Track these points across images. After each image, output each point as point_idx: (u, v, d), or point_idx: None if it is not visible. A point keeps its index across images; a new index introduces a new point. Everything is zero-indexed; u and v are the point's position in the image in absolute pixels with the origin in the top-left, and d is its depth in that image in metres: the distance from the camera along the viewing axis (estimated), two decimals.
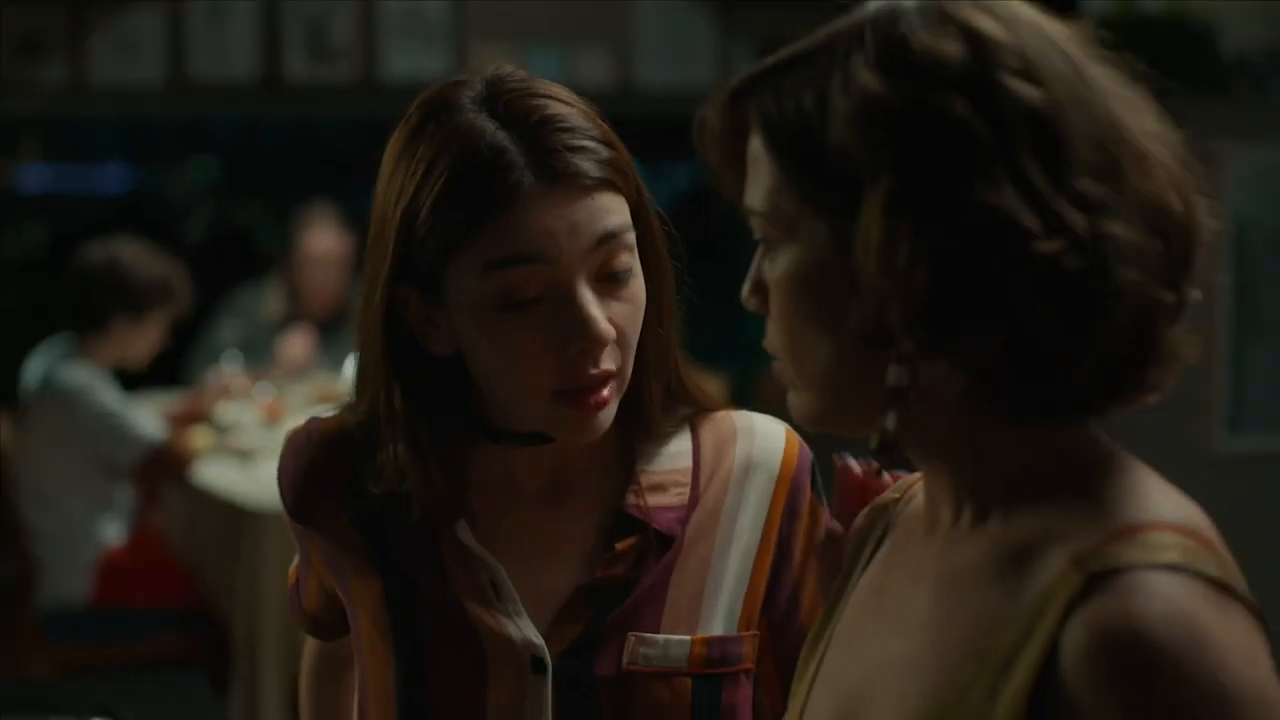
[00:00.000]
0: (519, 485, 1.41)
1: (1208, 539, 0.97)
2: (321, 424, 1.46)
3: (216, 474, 4.37)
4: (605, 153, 1.31)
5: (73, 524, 4.29)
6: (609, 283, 1.32)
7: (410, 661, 1.38)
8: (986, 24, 0.97)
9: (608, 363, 1.31)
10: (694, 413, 1.45)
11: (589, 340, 1.29)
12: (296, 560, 1.56)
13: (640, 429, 1.42)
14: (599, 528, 1.40)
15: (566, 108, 1.32)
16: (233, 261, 6.60)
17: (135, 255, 4.43)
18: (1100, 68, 1.00)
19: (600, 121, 1.34)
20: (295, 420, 5.17)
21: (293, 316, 5.56)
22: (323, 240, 5.56)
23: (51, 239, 7.12)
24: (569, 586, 1.38)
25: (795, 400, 1.07)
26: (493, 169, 1.28)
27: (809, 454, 1.46)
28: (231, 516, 4.11)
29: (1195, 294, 1.00)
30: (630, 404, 1.40)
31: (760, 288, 1.06)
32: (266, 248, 6.71)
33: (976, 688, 0.97)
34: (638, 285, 1.35)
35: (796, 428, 1.39)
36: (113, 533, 4.36)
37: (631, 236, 1.33)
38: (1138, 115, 1.00)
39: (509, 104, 1.31)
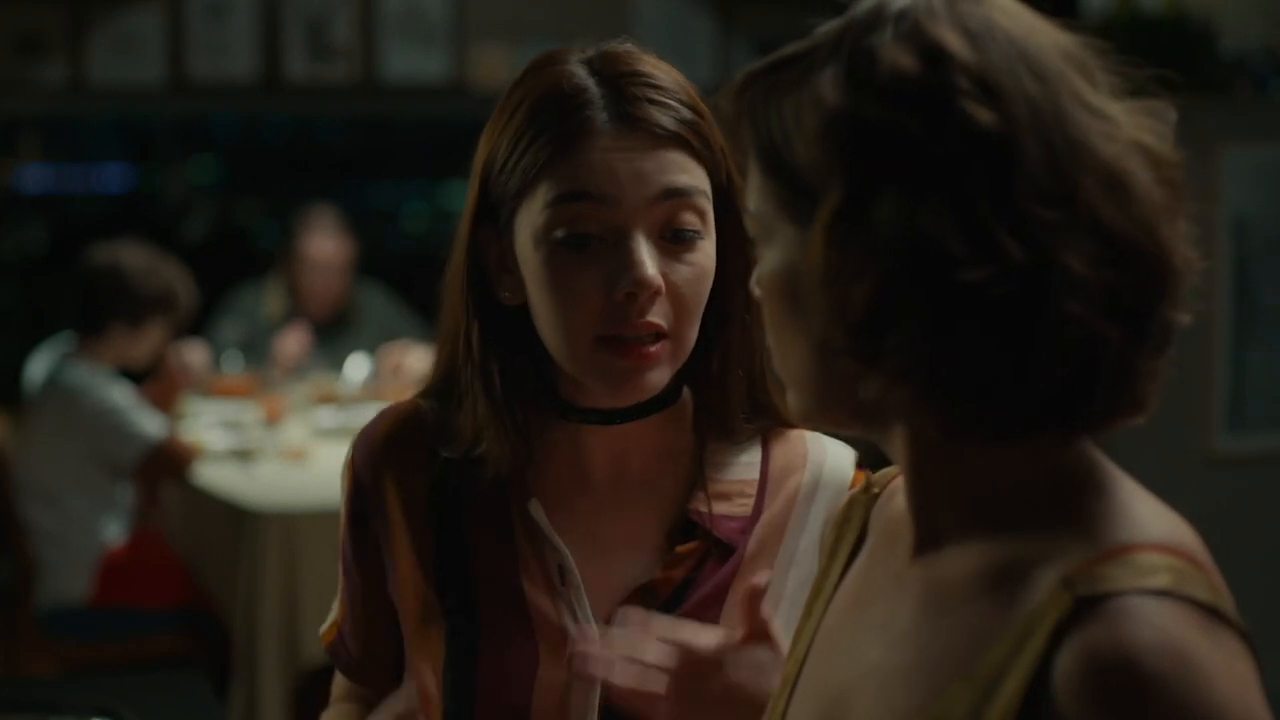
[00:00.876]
0: (587, 473, 1.41)
1: (1197, 559, 0.96)
2: (394, 407, 1.48)
3: (217, 474, 4.37)
4: (688, 114, 1.34)
5: (73, 523, 4.30)
6: (673, 244, 1.33)
7: (461, 642, 1.38)
8: (952, 41, 0.96)
9: (656, 316, 1.32)
10: (769, 426, 1.45)
11: (635, 284, 1.30)
12: (332, 617, 1.52)
13: (716, 426, 1.42)
14: (661, 528, 1.41)
15: (663, 74, 1.36)
16: (233, 261, 6.61)
17: (139, 263, 4.42)
18: (1089, 81, 0.98)
19: (699, 100, 1.36)
20: (295, 421, 5.12)
21: (293, 316, 5.56)
22: (323, 245, 5.56)
23: (51, 239, 7.13)
24: (626, 583, 1.39)
25: (788, 397, 1.08)
26: (570, 105, 1.33)
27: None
28: (232, 516, 4.11)
29: (1182, 319, 0.99)
30: (710, 397, 1.41)
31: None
32: (266, 247, 6.72)
33: (962, 704, 0.96)
34: (705, 254, 1.35)
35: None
36: (113, 532, 4.37)
37: (703, 202, 1.35)
38: (1119, 135, 0.97)
39: (607, 59, 1.36)
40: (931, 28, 0.97)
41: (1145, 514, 0.99)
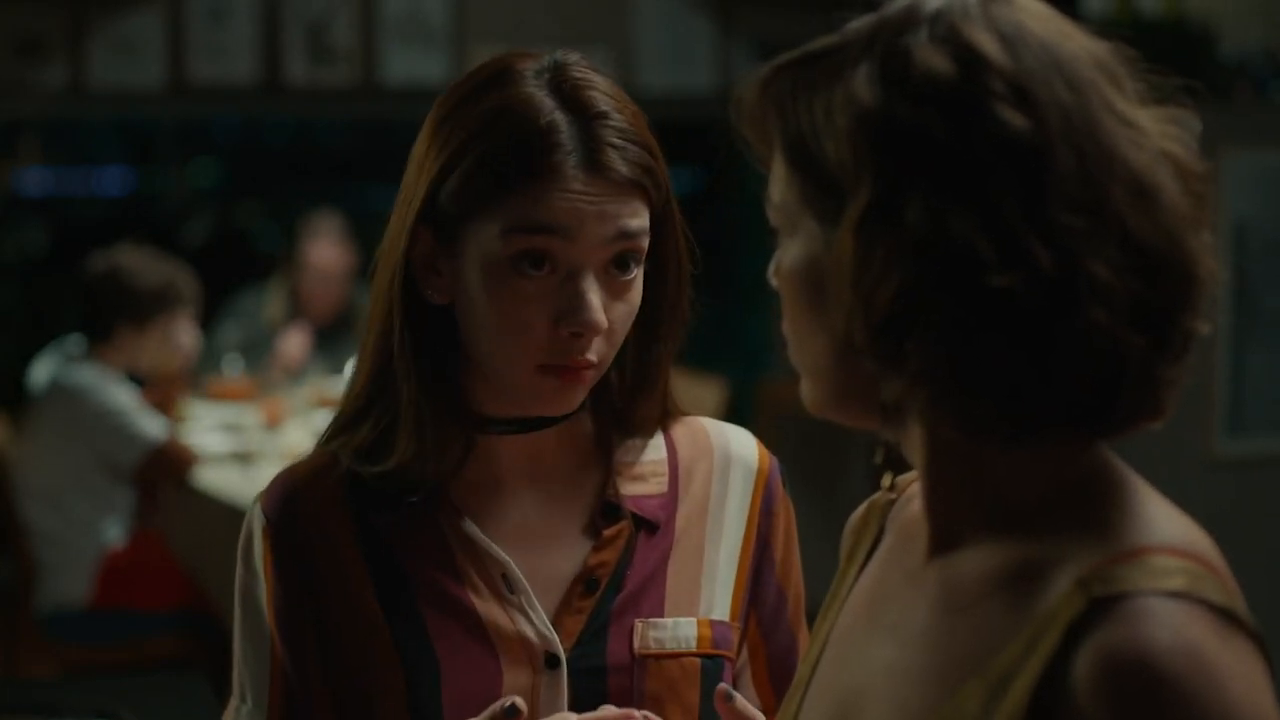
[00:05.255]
0: (501, 479, 1.43)
1: (1211, 562, 0.97)
2: (297, 464, 1.48)
3: (218, 476, 4.37)
4: (645, 159, 1.37)
5: (74, 525, 4.30)
6: (614, 282, 1.36)
7: (422, 674, 1.38)
8: (987, 44, 0.97)
9: (593, 354, 1.35)
10: (665, 416, 1.50)
11: (582, 325, 1.33)
12: None
13: (620, 423, 1.46)
14: (584, 517, 1.44)
15: (620, 110, 1.38)
16: (233, 263, 6.61)
17: (136, 263, 4.44)
18: (1119, 89, 0.99)
19: (646, 130, 1.39)
20: (295, 424, 5.12)
21: (293, 320, 5.57)
22: (325, 253, 5.57)
23: (51, 241, 7.13)
24: (565, 578, 1.41)
25: (802, 387, 1.08)
26: (543, 142, 1.34)
27: (775, 459, 1.52)
28: (232, 518, 4.11)
29: (1202, 328, 0.99)
30: (614, 399, 1.45)
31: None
32: (267, 249, 6.72)
33: (974, 703, 0.97)
34: (638, 291, 1.39)
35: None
36: (114, 534, 4.37)
37: (645, 241, 1.38)
38: (1148, 145, 0.98)
39: (573, 89, 1.37)
40: (967, 31, 0.97)
41: (1160, 517, 0.99)
